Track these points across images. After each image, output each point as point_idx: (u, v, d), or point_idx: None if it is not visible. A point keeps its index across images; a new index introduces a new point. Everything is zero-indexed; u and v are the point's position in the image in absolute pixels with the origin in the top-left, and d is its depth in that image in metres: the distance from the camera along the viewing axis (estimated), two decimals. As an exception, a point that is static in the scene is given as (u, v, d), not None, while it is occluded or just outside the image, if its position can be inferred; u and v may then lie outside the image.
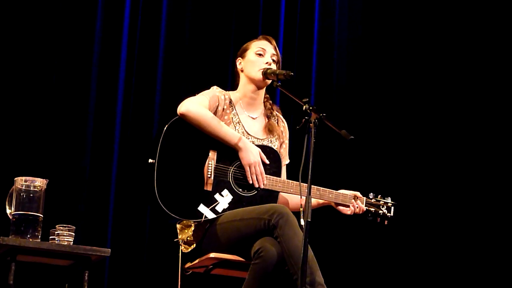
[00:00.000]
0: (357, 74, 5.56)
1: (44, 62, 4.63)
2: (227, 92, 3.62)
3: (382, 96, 5.53)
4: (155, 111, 4.88)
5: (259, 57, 3.60)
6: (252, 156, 3.44)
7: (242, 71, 3.65)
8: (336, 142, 4.70)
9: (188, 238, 3.41)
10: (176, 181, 3.33)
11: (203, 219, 3.34)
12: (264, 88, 3.65)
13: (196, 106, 3.40)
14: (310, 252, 3.10)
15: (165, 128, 3.38)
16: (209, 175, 3.39)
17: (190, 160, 3.39)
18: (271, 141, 3.63)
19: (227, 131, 3.44)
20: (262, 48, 3.62)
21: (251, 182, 3.44)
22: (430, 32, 5.59)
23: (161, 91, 4.92)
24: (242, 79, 3.66)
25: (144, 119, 4.85)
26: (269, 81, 3.57)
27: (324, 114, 3.06)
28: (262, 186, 3.45)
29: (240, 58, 3.68)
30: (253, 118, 3.64)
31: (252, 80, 3.61)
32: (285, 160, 3.70)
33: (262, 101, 3.69)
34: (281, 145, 3.69)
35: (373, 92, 5.52)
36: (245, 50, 3.67)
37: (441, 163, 5.42)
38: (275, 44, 3.68)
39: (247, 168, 3.43)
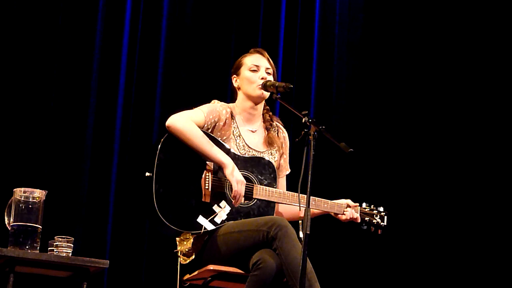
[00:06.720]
0: (356, 88, 5.56)
1: (43, 72, 4.63)
2: (229, 104, 3.60)
3: (382, 107, 5.53)
4: (155, 122, 4.88)
5: (253, 73, 3.57)
6: (240, 176, 3.39)
7: (239, 88, 3.61)
8: (335, 153, 4.72)
9: (187, 250, 3.41)
10: (174, 193, 3.32)
11: (202, 230, 3.34)
12: (263, 101, 3.65)
13: (183, 120, 3.37)
14: (309, 264, 3.10)
15: (161, 141, 3.36)
16: (206, 187, 3.39)
17: (187, 173, 3.38)
18: (271, 153, 3.62)
19: (212, 148, 3.39)
20: (255, 65, 3.58)
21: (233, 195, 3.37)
22: (426, 48, 5.61)
23: (160, 103, 4.91)
24: (240, 96, 3.62)
25: (143, 130, 4.84)
26: (267, 95, 3.55)
27: (324, 127, 3.07)
28: (236, 206, 3.40)
29: (235, 75, 3.63)
30: (253, 131, 3.63)
31: (249, 97, 3.58)
32: (286, 171, 3.69)
33: (261, 113, 3.67)
34: (281, 156, 3.68)
35: (373, 103, 5.53)
36: (239, 67, 3.62)
37: (441, 174, 5.42)
38: (268, 56, 3.64)
39: (235, 184, 3.35)
